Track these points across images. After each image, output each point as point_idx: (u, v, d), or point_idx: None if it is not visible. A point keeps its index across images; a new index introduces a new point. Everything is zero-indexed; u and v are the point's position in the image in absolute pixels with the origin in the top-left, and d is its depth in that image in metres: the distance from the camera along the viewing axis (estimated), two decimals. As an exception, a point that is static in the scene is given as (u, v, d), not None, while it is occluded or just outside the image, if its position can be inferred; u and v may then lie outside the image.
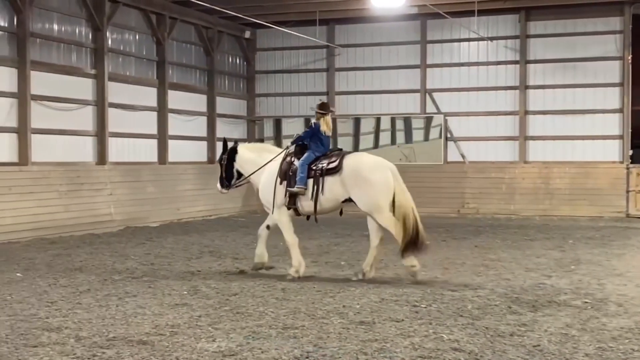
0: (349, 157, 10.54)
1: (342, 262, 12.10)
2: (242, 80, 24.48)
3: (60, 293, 9.42)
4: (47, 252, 13.27)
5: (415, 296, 9.11)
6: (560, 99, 21.76)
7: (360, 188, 10.28)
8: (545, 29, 21.93)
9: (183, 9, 20.68)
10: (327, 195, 10.50)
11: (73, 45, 17.58)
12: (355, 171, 10.29)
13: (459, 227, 17.95)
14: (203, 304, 8.70)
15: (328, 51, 23.79)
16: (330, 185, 10.43)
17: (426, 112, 22.90)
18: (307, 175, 10.50)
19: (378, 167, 10.35)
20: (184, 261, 12.24)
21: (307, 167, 10.51)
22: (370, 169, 10.33)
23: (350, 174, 10.30)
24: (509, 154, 22.24)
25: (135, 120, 19.48)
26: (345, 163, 10.38)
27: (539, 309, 8.43)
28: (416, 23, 22.91)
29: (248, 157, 11.33)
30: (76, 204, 16.75)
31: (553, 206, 21.34)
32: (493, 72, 22.39)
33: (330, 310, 8.29)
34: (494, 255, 13.02)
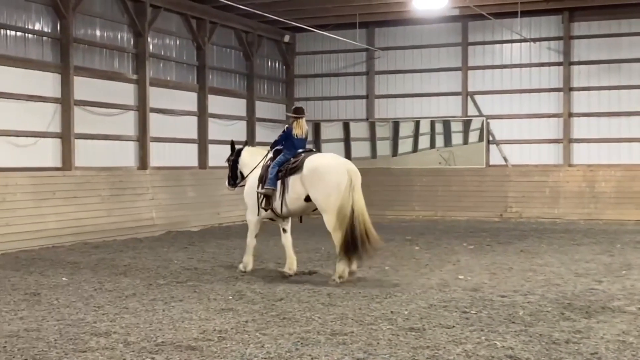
0: (311, 157, 10.82)
1: (386, 267, 11.93)
2: (281, 84, 24.46)
3: (107, 297, 9.41)
4: (91, 257, 13.32)
5: (464, 302, 8.92)
6: (605, 101, 21.36)
7: (315, 187, 10.52)
8: (589, 30, 21.54)
9: (223, 14, 20.71)
10: (291, 194, 10.82)
11: (115, 51, 17.69)
12: (312, 170, 10.56)
13: (503, 232, 17.67)
14: (249, 309, 8.61)
15: (368, 54, 23.66)
16: (292, 184, 10.76)
17: (467, 115, 22.64)
18: (276, 176, 10.90)
19: (334, 169, 10.51)
20: (226, 265, 12.18)
21: (278, 169, 10.94)
22: (326, 169, 10.54)
23: (308, 173, 10.58)
24: (553, 156, 21.88)
25: (175, 125, 19.54)
26: (306, 163, 10.67)
27: (592, 315, 8.20)
28: (457, 25, 22.68)
29: (246, 160, 11.96)
30: (118, 208, 16.82)
31: (598, 210, 20.93)
32: (536, 73, 22.06)
33: (378, 316, 8.15)
34: (541, 260, 12.76)
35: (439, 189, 22.56)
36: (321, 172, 10.51)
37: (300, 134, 11.13)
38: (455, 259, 12.92)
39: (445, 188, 22.48)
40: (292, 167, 10.81)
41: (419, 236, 16.74)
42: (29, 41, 15.64)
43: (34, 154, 15.59)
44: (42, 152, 15.76)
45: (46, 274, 11.38)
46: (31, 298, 9.40)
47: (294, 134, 11.10)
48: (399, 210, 22.57)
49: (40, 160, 15.71)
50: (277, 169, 10.98)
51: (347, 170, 10.49)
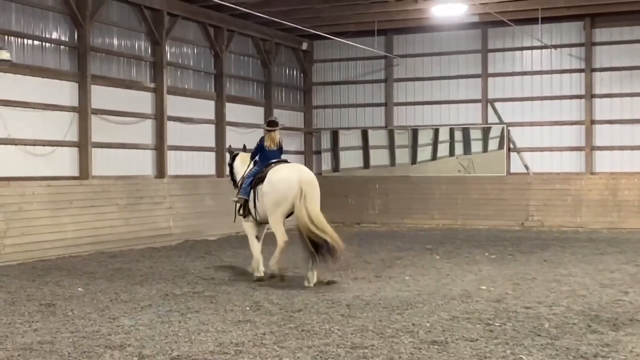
0: (274, 168, 11.48)
1: (406, 277, 11.71)
2: (299, 92, 24.33)
3: (122, 309, 9.26)
4: (108, 266, 13.20)
5: (487, 314, 8.69)
6: (627, 108, 21.02)
7: (267, 195, 11.30)
8: (611, 36, 21.24)
9: (240, 22, 20.61)
10: (259, 203, 11.56)
11: (132, 59, 17.62)
12: (268, 180, 11.31)
13: (525, 241, 17.38)
14: (267, 320, 8.42)
15: (386, 61, 23.47)
16: (259, 193, 11.52)
17: (488, 123, 22.38)
18: (249, 186, 11.72)
19: (286, 179, 11.16)
20: (244, 275, 12.00)
21: (252, 179, 11.74)
22: (279, 179, 11.23)
23: (266, 182, 11.34)
24: (575, 164, 21.55)
25: (193, 133, 19.44)
26: (268, 173, 11.41)
27: (620, 327, 7.95)
28: (476, 32, 22.44)
29: (237, 167, 12.82)
30: (136, 217, 16.72)
31: (621, 218, 20.59)
32: (557, 80, 21.77)
33: (399, 329, 7.93)
34: (565, 270, 12.48)
35: (458, 197, 22.29)
36: (274, 182, 11.22)
37: (271, 145, 11.77)
38: (477, 268, 12.67)
39: (465, 196, 22.21)
40: (260, 177, 11.54)
41: (439, 245, 16.50)
42: (47, 50, 15.60)
43: (51, 163, 15.52)
44: (59, 161, 15.69)
45: (62, 284, 11.26)
46: (46, 309, 9.27)
47: (266, 146, 11.78)
48: (418, 218, 22.34)
49: (58, 169, 15.64)
50: (251, 179, 11.76)
51: (298, 181, 11.03)
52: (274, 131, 11.84)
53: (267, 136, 11.84)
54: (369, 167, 23.77)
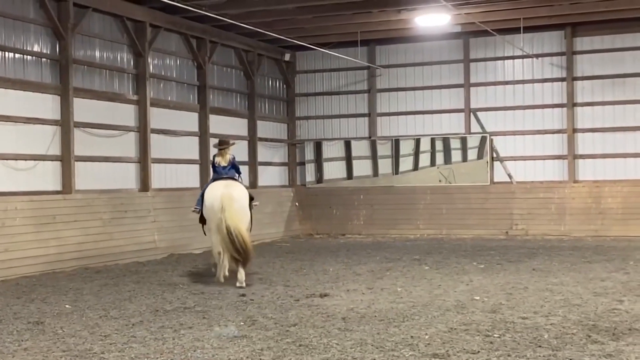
0: (211, 184, 12.95)
1: (398, 289, 11.62)
2: (282, 103, 24.22)
3: (113, 325, 9.07)
4: (94, 282, 12.98)
5: (485, 325, 8.61)
6: (609, 116, 21.14)
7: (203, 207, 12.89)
8: (592, 45, 21.36)
9: (223, 33, 20.50)
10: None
11: (115, 71, 17.42)
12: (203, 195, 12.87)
13: (511, 250, 17.38)
14: (263, 335, 8.29)
15: (369, 72, 23.45)
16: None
17: (470, 132, 22.40)
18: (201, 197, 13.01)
19: (211, 195, 12.57)
20: (234, 289, 11.84)
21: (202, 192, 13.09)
22: (207, 194, 12.70)
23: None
24: (558, 173, 21.62)
25: (177, 146, 19.25)
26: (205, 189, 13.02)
27: (620, 337, 7.90)
28: (458, 42, 22.49)
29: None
30: (120, 231, 16.49)
31: (605, 226, 20.67)
32: (539, 89, 21.85)
33: (398, 342, 7.83)
34: (555, 278, 12.46)
35: (443, 207, 22.28)
36: (205, 197, 12.78)
37: (222, 162, 13.09)
38: (467, 278, 12.61)
39: (450, 206, 22.20)
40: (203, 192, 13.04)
41: (427, 255, 16.45)
42: (28, 63, 15.37)
43: (33, 177, 15.26)
44: (41, 176, 15.43)
45: (48, 301, 11.04)
46: (34, 327, 9.06)
47: (217, 163, 13.17)
48: (403, 229, 22.30)
49: (40, 184, 15.37)
50: (202, 192, 13.16)
51: (220, 196, 12.31)
52: (224, 149, 13.16)
53: (218, 154, 13.20)
54: (352, 178, 23.70)
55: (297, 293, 11.30)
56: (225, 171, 13.05)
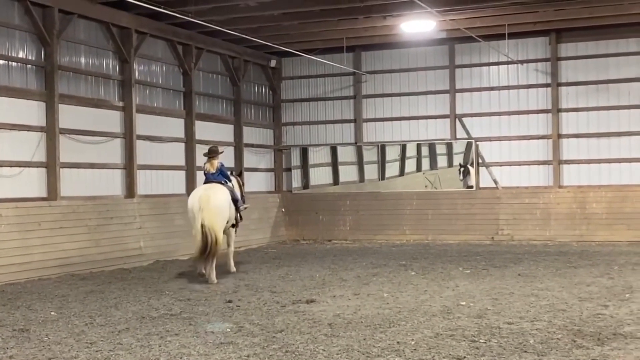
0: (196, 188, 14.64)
1: (384, 294, 11.64)
2: (268, 109, 24.24)
3: (99, 333, 9.04)
4: (79, 289, 12.93)
5: (471, 330, 8.65)
6: (594, 122, 21.28)
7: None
8: (576, 51, 21.51)
9: (209, 39, 20.50)
10: None
11: (101, 78, 17.38)
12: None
13: (497, 255, 17.45)
14: (249, 342, 8.29)
15: (355, 78, 23.51)
16: None
17: (456, 138, 22.49)
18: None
19: (191, 197, 13.94)
20: (220, 296, 11.83)
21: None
22: (190, 197, 14.05)
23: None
24: (543, 178, 21.73)
25: (163, 152, 19.22)
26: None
27: (605, 342, 7.96)
28: (444, 47, 22.59)
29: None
30: (106, 238, 16.45)
31: (590, 231, 20.80)
32: (524, 95, 21.97)
33: (384, 347, 7.86)
34: (541, 284, 12.53)
35: (429, 212, 22.35)
36: (188, 199, 14.08)
37: (210, 169, 14.41)
38: (453, 284, 12.66)
39: (436, 211, 22.28)
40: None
41: (413, 261, 16.49)
42: (13, 69, 15.30)
43: (18, 184, 15.18)
44: (27, 182, 15.36)
45: (34, 308, 10.99)
46: (20, 334, 9.02)
47: (206, 169, 14.53)
48: (390, 234, 22.35)
49: (26, 191, 15.30)
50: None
51: (198, 198, 13.50)
52: (212, 157, 14.46)
53: (208, 162, 14.48)
54: (339, 184, 23.73)
55: (284, 299, 11.31)
56: (214, 177, 14.30)
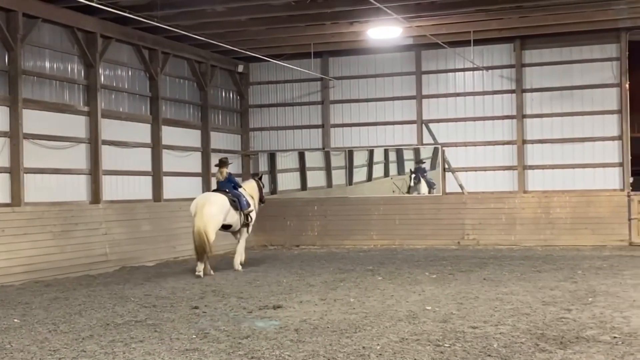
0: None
1: (351, 299, 11.66)
2: (235, 114, 24.19)
3: (62, 340, 8.94)
4: (44, 296, 12.78)
5: (435, 335, 8.71)
6: (558, 128, 21.57)
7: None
8: (540, 58, 21.79)
9: (176, 44, 20.42)
10: None
11: (65, 82, 17.23)
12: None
13: (463, 259, 17.59)
14: (215, 348, 8.26)
15: (322, 84, 23.57)
16: None
17: (423, 143, 22.64)
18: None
19: (193, 202, 15.65)
20: (187, 302, 11.77)
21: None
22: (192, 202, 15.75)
23: None
24: (508, 183, 21.97)
25: (129, 157, 19.09)
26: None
27: (568, 345, 8.06)
28: (410, 54, 22.75)
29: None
30: (71, 244, 16.28)
31: (554, 236, 21.06)
32: (489, 101, 22.20)
33: (350, 352, 7.88)
34: (506, 288, 12.64)
35: (396, 217, 22.47)
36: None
37: (220, 178, 16.37)
38: (419, 289, 12.73)
39: (403, 216, 22.41)
40: None
41: (380, 266, 16.56)
42: (-24, 73, 15.13)
43: (-19, 189, 15.01)
44: (-11, 188, 15.19)
45: (-4, 315, 10.85)
46: (-18, 343, 8.90)
47: (217, 178, 16.56)
48: (357, 239, 22.43)
49: (-12, 196, 15.13)
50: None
51: (195, 203, 15.44)
52: (221, 167, 16.35)
53: (218, 171, 16.45)
54: (306, 189, 23.76)
55: (251, 305, 11.28)
56: (222, 184, 16.25)
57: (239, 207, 15.96)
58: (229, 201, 15.67)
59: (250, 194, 16.66)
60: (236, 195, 15.98)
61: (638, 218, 20.38)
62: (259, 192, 17.14)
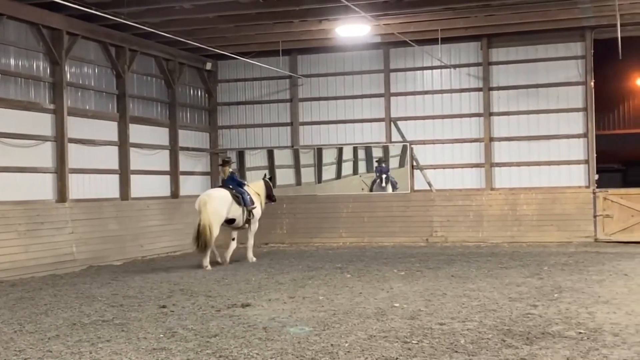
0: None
1: (320, 297, 11.68)
2: (204, 112, 24.07)
3: (28, 340, 8.85)
4: (9, 296, 12.63)
5: (403, 331, 8.76)
6: (524, 125, 21.76)
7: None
8: (507, 56, 21.97)
9: (143, 41, 20.27)
10: None
11: (31, 80, 17.01)
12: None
13: (431, 256, 17.69)
14: (182, 347, 8.22)
15: (291, 81, 23.55)
16: None
17: (391, 141, 22.73)
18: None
19: (197, 200, 16.55)
20: (154, 301, 11.71)
21: None
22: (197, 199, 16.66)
23: None
24: (476, 181, 22.13)
25: (95, 156, 18.90)
26: None
27: (534, 341, 8.15)
28: (379, 52, 22.82)
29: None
30: (36, 243, 16.09)
31: (521, 232, 21.26)
32: (457, 99, 22.34)
33: (318, 350, 7.89)
34: (473, 284, 12.74)
35: (365, 215, 22.53)
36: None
37: (224, 175, 17.42)
38: (388, 286, 12.78)
39: (372, 214, 22.47)
40: None
41: (349, 263, 16.60)
42: (-62, 70, 14.88)
43: (-56, 188, 14.77)
44: (-47, 187, 14.95)
45: (-40, 316, 10.69)
46: (-55, 344, 8.77)
47: (221, 176, 17.63)
48: (326, 237, 22.45)
49: (-48, 195, 14.90)
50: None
51: (199, 200, 16.39)
52: (224, 166, 17.57)
53: (221, 170, 17.72)
54: (275, 187, 23.65)
55: (219, 303, 11.25)
56: (225, 182, 17.22)
57: (243, 203, 16.90)
58: (232, 196, 16.69)
59: (256, 192, 17.69)
60: (240, 192, 16.97)
61: (603, 215, 20.64)
62: (267, 190, 18.17)
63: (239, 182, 17.54)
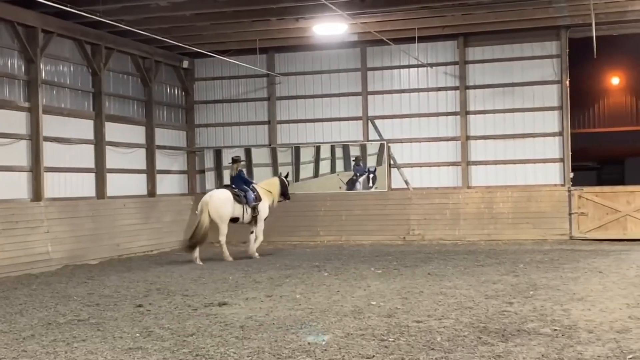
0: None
1: (297, 295, 11.68)
2: (180, 110, 23.97)
3: (2, 340, 8.77)
4: (-17, 296, 12.52)
5: (380, 329, 8.78)
6: (500, 124, 21.90)
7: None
8: (483, 55, 22.09)
9: (119, 39, 20.13)
10: None
11: (5, 78, 16.84)
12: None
13: (408, 255, 17.76)
14: (159, 346, 8.19)
15: (269, 80, 23.52)
16: None
17: (368, 139, 22.78)
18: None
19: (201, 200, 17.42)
20: (130, 300, 11.65)
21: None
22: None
23: None
24: (452, 179, 22.24)
25: (71, 154, 18.76)
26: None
27: (509, 338, 8.20)
28: (356, 50, 22.85)
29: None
30: (11, 243, 15.94)
31: (497, 230, 21.39)
32: (434, 98, 22.44)
33: (295, 349, 7.90)
34: (450, 282, 12.81)
35: (343, 213, 22.56)
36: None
37: (232, 173, 18.02)
38: (365, 284, 12.81)
39: (349, 212, 22.51)
40: None
41: (326, 262, 16.61)
42: None
43: None
44: None
45: None
46: None
47: (230, 173, 18.32)
48: (304, 235, 22.45)
49: None
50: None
51: (201, 201, 17.25)
52: (234, 164, 18.08)
53: (231, 168, 18.34)
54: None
55: (196, 302, 11.21)
56: (234, 180, 17.87)
57: (245, 201, 17.53)
58: (233, 195, 17.36)
59: (268, 190, 18.32)
60: (243, 190, 17.59)
61: (578, 212, 20.82)
62: (282, 188, 18.69)
63: (246, 180, 18.08)
